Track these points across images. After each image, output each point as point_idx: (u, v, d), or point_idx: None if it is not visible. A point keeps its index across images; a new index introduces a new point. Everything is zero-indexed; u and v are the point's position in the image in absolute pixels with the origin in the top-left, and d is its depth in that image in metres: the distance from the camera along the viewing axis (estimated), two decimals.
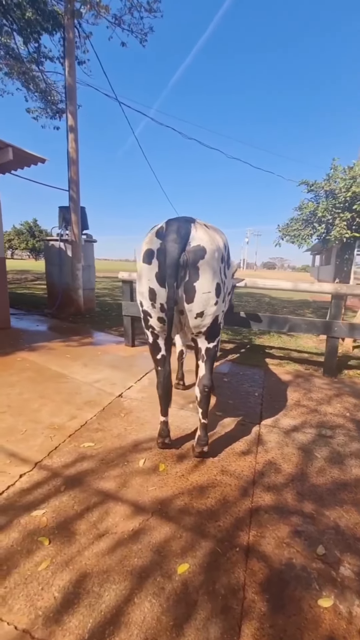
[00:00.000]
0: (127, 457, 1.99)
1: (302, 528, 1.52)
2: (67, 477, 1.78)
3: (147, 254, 1.71)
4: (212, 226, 1.86)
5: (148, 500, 1.65)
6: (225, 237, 1.93)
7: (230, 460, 2.02)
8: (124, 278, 4.26)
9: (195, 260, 1.64)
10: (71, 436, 2.18)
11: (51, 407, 2.55)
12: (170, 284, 1.61)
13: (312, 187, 4.77)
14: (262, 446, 2.20)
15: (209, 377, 1.88)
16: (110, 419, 2.45)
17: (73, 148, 5.89)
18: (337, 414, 2.78)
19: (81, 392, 2.88)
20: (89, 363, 3.65)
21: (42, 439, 2.12)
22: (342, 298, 3.60)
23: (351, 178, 4.15)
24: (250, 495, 1.73)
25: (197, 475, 1.86)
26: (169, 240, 1.62)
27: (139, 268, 1.79)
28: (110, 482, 1.76)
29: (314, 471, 1.96)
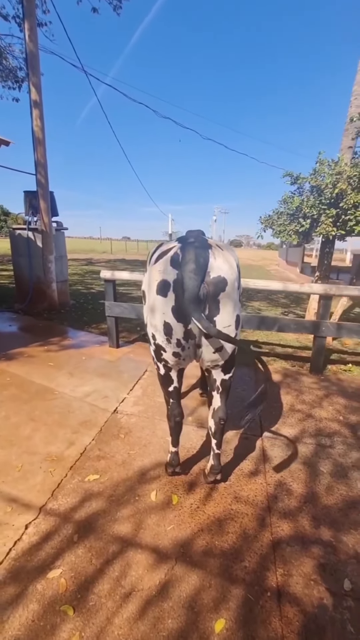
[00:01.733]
0: (136, 489, 1.90)
1: (325, 560, 1.54)
2: (78, 523, 1.66)
3: (162, 285, 1.55)
4: (224, 245, 1.71)
5: (168, 543, 1.58)
6: (236, 255, 1.78)
7: (242, 484, 2.00)
8: (107, 277, 4.01)
9: (216, 293, 1.51)
10: (72, 468, 2.04)
11: (44, 433, 2.37)
12: (197, 316, 1.47)
13: (297, 180, 4.70)
14: (268, 464, 2.21)
15: (225, 409, 1.81)
16: (111, 442, 2.33)
17: (38, 126, 5.29)
18: (331, 418, 2.86)
19: (73, 410, 2.70)
20: (75, 372, 3.44)
21: (41, 475, 1.96)
22: (330, 298, 3.65)
23: (337, 174, 4.11)
24: (268, 525, 1.72)
25: (213, 506, 1.82)
26: (187, 271, 1.47)
27: (151, 299, 1.62)
28: (125, 525, 1.66)
29: (322, 490, 2.00)
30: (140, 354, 4.18)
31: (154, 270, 1.61)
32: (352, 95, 4.79)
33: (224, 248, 1.65)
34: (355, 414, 2.97)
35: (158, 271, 1.57)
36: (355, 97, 4.76)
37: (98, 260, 20.00)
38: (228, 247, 1.70)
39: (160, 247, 1.77)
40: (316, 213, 4.20)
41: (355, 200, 3.85)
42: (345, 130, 4.86)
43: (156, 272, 1.58)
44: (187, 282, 1.45)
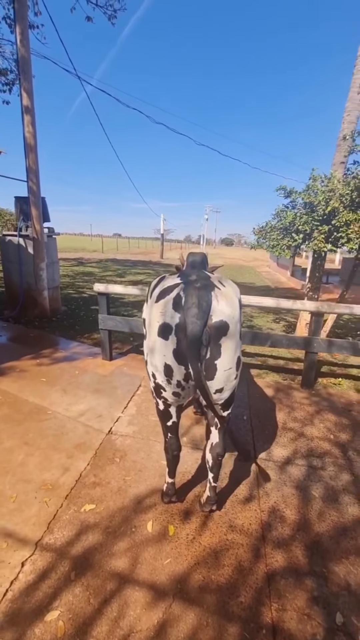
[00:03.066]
0: (132, 520, 1.91)
1: (318, 592, 1.59)
2: (75, 558, 1.66)
3: (164, 328, 1.55)
4: (226, 280, 1.70)
5: (166, 579, 1.60)
6: (238, 290, 1.77)
7: (236, 512, 2.04)
8: (100, 291, 3.99)
9: (218, 337, 1.52)
10: (68, 497, 2.04)
11: (39, 458, 2.35)
12: (194, 366, 1.48)
13: (291, 195, 4.76)
14: (262, 488, 2.25)
15: (223, 445, 1.83)
16: (106, 466, 2.33)
17: (30, 132, 5.20)
18: (322, 437, 2.92)
19: (67, 431, 2.69)
20: (69, 388, 3.42)
21: (37, 506, 1.95)
22: (322, 316, 3.72)
23: (330, 191, 4.18)
24: (263, 556, 1.76)
25: (209, 537, 1.84)
26: (190, 316, 1.46)
27: (152, 340, 1.62)
28: (122, 560, 1.68)
29: (314, 516, 2.05)
30: (133, 367, 4.18)
31: (155, 310, 1.61)
32: (345, 112, 4.87)
33: (226, 284, 1.64)
34: (345, 432, 3.04)
35: (160, 313, 1.57)
36: (347, 114, 4.84)
37: (89, 260, 19.82)
38: (229, 283, 1.69)
39: (162, 282, 1.76)
40: (309, 229, 4.26)
41: (347, 218, 3.93)
42: (338, 145, 4.94)
43: (158, 313, 1.58)
44: (190, 328, 1.45)
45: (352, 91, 4.80)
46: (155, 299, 1.66)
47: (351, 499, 2.21)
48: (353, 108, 4.79)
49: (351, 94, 4.82)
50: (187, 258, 2.04)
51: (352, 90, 4.81)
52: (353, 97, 4.79)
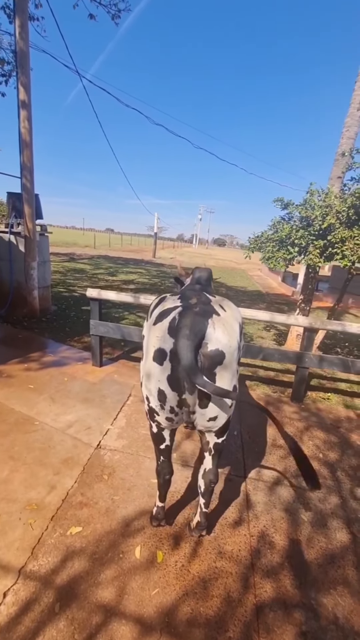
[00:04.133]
0: (120, 545, 1.87)
1: (307, 627, 1.58)
2: (60, 588, 1.61)
3: (159, 354, 1.50)
4: (228, 305, 1.64)
5: (153, 611, 1.56)
6: (239, 315, 1.72)
7: (226, 536, 2.01)
8: (93, 296, 3.90)
9: (212, 367, 1.48)
10: (54, 518, 1.97)
11: (24, 474, 2.28)
12: (190, 389, 1.45)
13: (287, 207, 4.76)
14: (251, 511, 2.23)
15: (216, 472, 1.80)
16: (94, 484, 2.27)
17: (26, 128, 5.05)
18: (311, 455, 2.92)
19: (55, 444, 2.62)
20: (57, 396, 3.33)
21: (21, 528, 1.88)
22: (315, 332, 3.73)
23: (327, 206, 4.20)
24: (252, 586, 1.74)
25: (198, 564, 1.81)
26: (181, 338, 1.41)
27: (147, 363, 1.58)
28: (108, 590, 1.63)
29: (304, 541, 2.04)
30: (124, 374, 4.12)
31: (152, 334, 1.56)
32: (344, 127, 4.90)
33: (227, 309, 1.59)
34: (333, 450, 3.06)
35: (156, 337, 1.53)
36: (347, 129, 4.87)
37: (80, 256, 19.54)
38: (231, 307, 1.64)
39: (162, 303, 1.70)
40: (304, 243, 4.27)
41: (343, 235, 3.95)
42: (336, 160, 4.96)
43: (154, 337, 1.54)
44: (180, 352, 1.41)
45: (352, 107, 4.83)
46: (154, 320, 1.61)
47: (339, 524, 2.21)
48: (352, 124, 4.82)
49: (351, 110, 4.84)
50: (193, 273, 2.00)
51: (352, 107, 4.83)
52: (353, 113, 4.82)
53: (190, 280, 2.05)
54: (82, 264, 15.83)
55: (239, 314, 1.68)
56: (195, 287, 1.83)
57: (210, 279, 2.01)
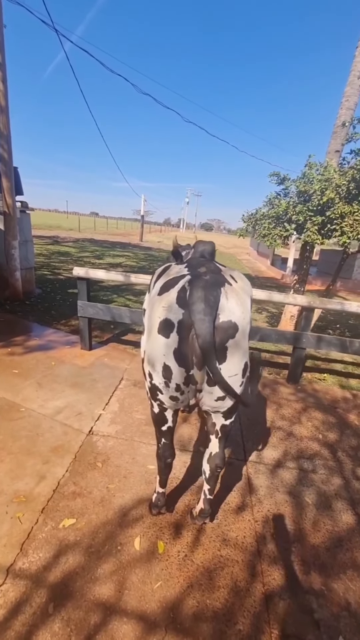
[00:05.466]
0: (118, 536, 1.73)
1: (319, 614, 1.49)
2: (53, 586, 1.46)
3: (165, 325, 1.33)
4: (239, 276, 1.49)
5: (157, 606, 1.44)
6: (250, 288, 1.56)
7: (229, 523, 1.91)
8: (80, 275, 3.66)
9: (224, 340, 1.32)
10: (44, 511, 1.82)
11: (10, 464, 2.10)
12: (212, 366, 1.29)
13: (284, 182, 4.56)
14: (254, 495, 2.13)
15: (222, 456, 1.67)
16: (87, 473, 2.12)
17: (1, 91, 4.60)
18: (310, 437, 2.86)
19: (43, 432, 2.44)
20: (44, 381, 3.13)
21: (8, 522, 1.72)
22: (312, 311, 3.62)
23: (326, 180, 4.01)
24: (259, 573, 1.64)
25: (201, 554, 1.70)
26: (197, 312, 1.25)
27: (152, 336, 1.40)
28: (107, 586, 1.50)
29: (309, 525, 1.96)
30: (115, 357, 3.93)
31: (157, 304, 1.39)
32: (344, 97, 4.66)
33: (238, 280, 1.44)
34: (332, 431, 3.00)
35: (162, 307, 1.35)
36: (346, 99, 4.64)
37: (65, 239, 18.86)
38: (242, 278, 1.49)
39: (167, 272, 1.52)
40: (302, 219, 4.10)
41: (343, 210, 3.79)
42: (334, 132, 4.75)
43: (160, 307, 1.36)
44: (198, 326, 1.25)
45: (352, 75, 4.59)
46: (158, 290, 1.44)
47: (344, 505, 2.15)
48: (352, 93, 4.59)
49: (351, 78, 4.60)
50: (195, 247, 1.81)
51: (352, 74, 4.59)
52: (353, 81, 4.58)
53: (192, 254, 1.87)
54: (67, 247, 15.27)
55: (249, 287, 1.52)
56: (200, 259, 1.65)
57: (214, 253, 1.82)
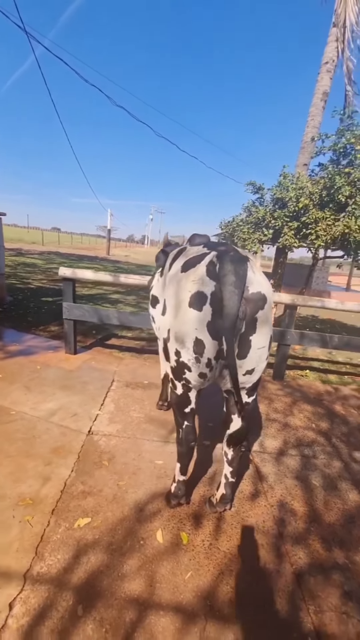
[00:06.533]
0: (138, 531, 1.64)
1: (348, 587, 1.51)
2: (78, 588, 1.34)
3: (198, 298, 1.33)
4: (253, 256, 1.57)
5: (192, 596, 1.37)
6: None
7: (247, 509, 1.89)
8: (67, 276, 3.54)
9: (254, 311, 1.35)
10: (55, 512, 1.67)
11: (9, 467, 1.92)
12: (229, 339, 1.30)
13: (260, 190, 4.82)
14: (265, 482, 2.14)
15: (246, 435, 1.66)
16: (94, 472, 2.00)
17: None
18: (305, 426, 2.94)
19: (40, 434, 2.27)
20: (32, 385, 2.94)
21: (17, 526, 1.56)
22: (295, 308, 3.79)
23: (300, 188, 4.31)
24: (285, 554, 1.63)
25: (226, 541, 1.66)
26: (227, 284, 1.28)
27: (180, 313, 1.39)
28: (136, 581, 1.40)
29: (321, 506, 2.00)
30: (101, 360, 3.80)
31: (184, 280, 1.39)
32: (309, 116, 5.10)
33: (252, 258, 1.51)
34: (323, 420, 3.11)
35: (192, 281, 1.36)
36: (311, 118, 5.07)
37: (29, 251, 18.19)
38: (255, 257, 1.58)
39: (184, 253, 1.55)
40: (280, 224, 4.34)
41: (316, 216, 4.07)
42: (302, 148, 5.15)
43: (189, 282, 1.36)
44: (227, 298, 1.27)
45: (315, 97, 5.04)
46: (180, 268, 1.46)
47: (348, 486, 2.21)
48: (316, 113, 5.04)
49: (314, 100, 5.06)
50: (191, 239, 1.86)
51: (315, 97, 5.05)
52: (316, 102, 5.03)
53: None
54: (33, 258, 14.72)
55: None
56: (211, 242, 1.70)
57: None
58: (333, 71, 4.77)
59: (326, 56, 4.75)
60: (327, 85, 4.82)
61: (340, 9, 4.38)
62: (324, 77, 4.78)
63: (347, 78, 4.77)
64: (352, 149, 4.19)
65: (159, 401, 2.86)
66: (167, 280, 1.63)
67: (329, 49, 4.68)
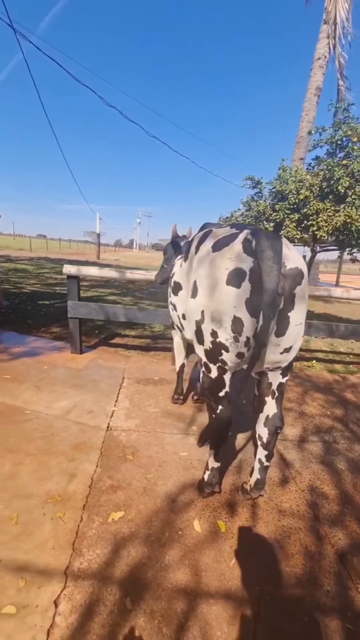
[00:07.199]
0: (175, 522, 1.59)
1: None
2: (123, 581, 1.28)
3: (236, 274, 1.31)
4: None
5: (239, 582, 1.33)
6: None
7: (279, 495, 1.86)
8: (71, 273, 3.47)
9: (292, 287, 1.33)
10: (86, 507, 1.61)
11: (32, 466, 1.85)
12: (267, 316, 1.27)
13: (258, 185, 4.84)
14: (292, 468, 2.11)
15: (282, 416, 1.64)
16: (119, 466, 1.94)
17: None
18: (320, 414, 2.93)
19: (58, 432, 2.20)
20: (41, 385, 2.86)
21: (49, 524, 1.49)
22: None
23: (299, 181, 4.35)
24: (324, 536, 1.60)
25: (263, 527, 1.62)
26: (265, 259, 1.26)
27: (216, 292, 1.36)
28: (181, 571, 1.35)
29: (350, 488, 1.98)
30: (108, 359, 3.74)
31: (218, 259, 1.37)
32: (303, 111, 5.16)
33: None
34: (337, 407, 3.11)
35: (228, 259, 1.33)
36: (306, 113, 5.14)
37: (18, 257, 17.93)
38: None
39: (211, 235, 1.53)
40: (281, 216, 4.36)
41: (317, 207, 4.11)
42: (297, 142, 5.20)
43: (225, 260, 1.34)
44: (266, 273, 1.24)
45: (309, 92, 5.10)
46: (212, 248, 1.44)
47: None
48: (310, 108, 5.11)
49: (308, 95, 5.12)
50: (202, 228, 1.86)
51: (309, 92, 5.11)
52: (310, 98, 5.10)
53: None
54: (23, 264, 14.50)
55: None
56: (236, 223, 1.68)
57: None
58: (325, 67, 4.87)
59: (318, 52, 4.84)
60: (319, 81, 4.91)
61: (331, 6, 4.48)
62: (317, 72, 4.87)
63: (339, 73, 4.86)
64: (348, 141, 4.26)
65: (174, 395, 2.81)
66: (195, 263, 1.60)
67: (321, 45, 4.78)
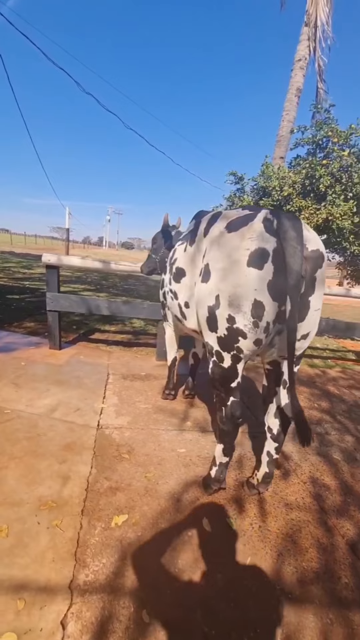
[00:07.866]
0: (183, 523, 1.49)
1: None
2: (135, 592, 1.16)
3: (258, 255, 1.23)
4: None
5: (258, 582, 1.26)
6: None
7: (283, 488, 1.82)
8: (51, 262, 3.24)
9: (314, 269, 1.28)
10: (84, 512, 1.46)
11: (18, 469, 1.66)
12: (295, 299, 1.21)
13: (241, 180, 4.85)
14: (292, 461, 2.09)
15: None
16: (116, 466, 1.80)
17: None
18: (308, 407, 2.96)
19: (45, 431, 2.01)
20: (20, 381, 2.62)
21: (45, 533, 1.33)
22: None
23: (282, 178, 4.40)
24: (333, 527, 1.58)
25: (273, 522, 1.57)
26: (289, 240, 1.19)
27: (235, 274, 1.27)
28: (196, 575, 1.25)
29: (349, 479, 1.99)
30: (90, 354, 3.54)
31: (237, 239, 1.28)
32: (284, 111, 5.25)
33: None
34: (323, 400, 3.17)
35: (249, 239, 1.25)
36: (286, 112, 5.23)
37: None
38: None
39: (222, 216, 1.45)
40: None
41: (300, 204, 4.18)
42: (278, 141, 5.28)
43: (245, 240, 1.25)
44: (290, 254, 1.18)
45: (289, 93, 5.20)
46: (226, 230, 1.35)
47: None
48: (290, 108, 5.20)
49: (289, 96, 5.22)
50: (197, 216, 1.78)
51: (289, 92, 5.21)
52: (290, 98, 5.20)
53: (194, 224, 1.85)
54: None
55: None
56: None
57: None
58: (305, 68, 4.98)
59: (299, 54, 4.94)
60: (300, 82, 5.01)
61: (312, 8, 4.59)
62: (297, 73, 4.96)
63: (318, 76, 5.00)
64: (328, 141, 4.38)
65: (165, 390, 2.70)
66: (205, 245, 1.50)
67: (301, 47, 4.88)
